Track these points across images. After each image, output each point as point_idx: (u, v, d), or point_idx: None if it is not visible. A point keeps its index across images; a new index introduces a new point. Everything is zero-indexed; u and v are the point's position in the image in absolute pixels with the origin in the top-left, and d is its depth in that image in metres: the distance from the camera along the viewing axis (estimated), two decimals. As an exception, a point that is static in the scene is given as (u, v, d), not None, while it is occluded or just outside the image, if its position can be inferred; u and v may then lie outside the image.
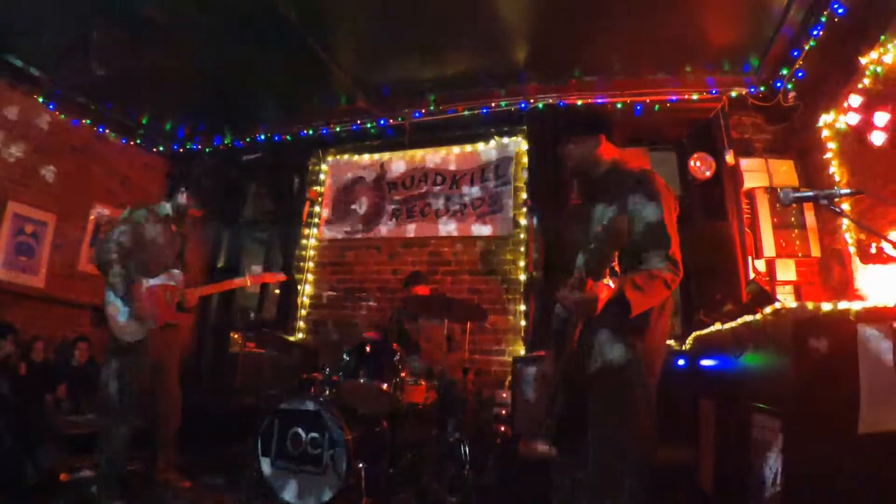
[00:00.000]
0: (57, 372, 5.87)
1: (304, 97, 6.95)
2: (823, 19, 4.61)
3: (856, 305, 2.29)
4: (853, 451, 2.16)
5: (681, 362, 3.73)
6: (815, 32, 4.74)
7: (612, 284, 2.12)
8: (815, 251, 4.95)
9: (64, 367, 6.02)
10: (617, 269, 2.06)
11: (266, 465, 4.11)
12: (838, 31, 4.52)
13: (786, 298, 4.81)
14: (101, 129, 7.51)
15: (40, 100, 6.76)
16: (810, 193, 2.43)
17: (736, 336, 3.05)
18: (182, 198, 4.31)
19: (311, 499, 3.90)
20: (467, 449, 4.36)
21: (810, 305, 2.38)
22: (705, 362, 3.48)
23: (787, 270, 5.04)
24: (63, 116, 7.04)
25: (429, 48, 5.73)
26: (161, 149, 8.22)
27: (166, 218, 4.27)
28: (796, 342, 2.32)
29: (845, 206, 3.75)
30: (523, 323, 6.03)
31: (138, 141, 7.99)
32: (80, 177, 7.23)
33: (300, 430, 4.07)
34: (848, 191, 2.60)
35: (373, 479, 3.91)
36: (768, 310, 2.62)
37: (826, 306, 2.33)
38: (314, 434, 4.01)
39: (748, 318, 2.89)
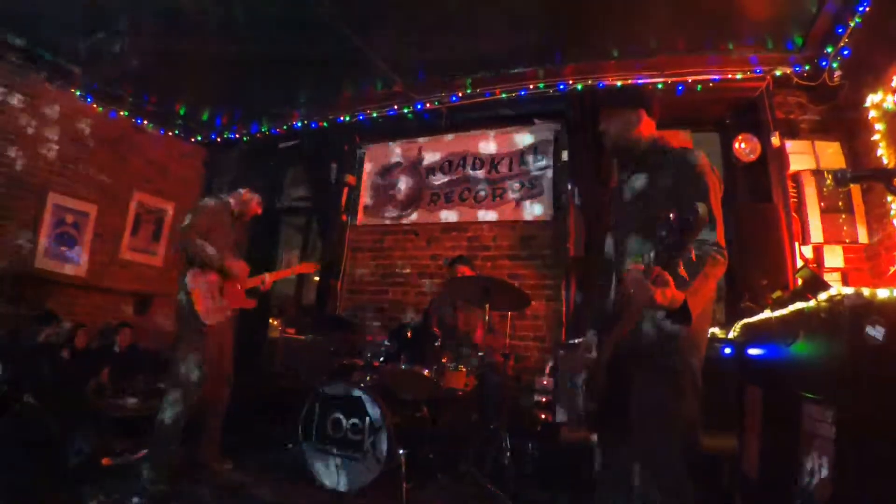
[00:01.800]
0: (100, 357, 6.01)
1: (341, 83, 6.93)
2: (868, -6, 4.45)
3: (914, 292, 2.21)
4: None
5: (727, 350, 3.66)
6: (860, 8, 4.56)
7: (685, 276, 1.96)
8: (863, 237, 4.80)
9: (107, 352, 6.17)
10: (693, 257, 1.91)
11: (306, 450, 4.16)
12: (885, 6, 4.34)
13: (835, 286, 4.69)
14: (138, 121, 7.68)
15: (77, 94, 6.91)
16: (868, 172, 2.35)
17: (787, 323, 2.98)
18: (246, 194, 4.62)
19: (351, 483, 3.94)
20: (507, 435, 4.36)
21: (867, 292, 2.30)
22: (753, 351, 3.40)
23: (834, 257, 4.89)
24: (101, 109, 7.20)
25: (465, 29, 5.61)
26: (199, 138, 8.34)
27: (232, 212, 4.53)
28: (852, 330, 2.25)
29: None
30: (564, 308, 5.92)
31: (176, 131, 8.14)
32: (119, 167, 7.41)
33: (340, 416, 4.11)
34: (908, 171, 2.51)
35: (413, 464, 3.91)
36: (823, 296, 2.55)
37: (883, 293, 2.25)
38: (355, 419, 4.05)
39: (800, 304, 2.82)
